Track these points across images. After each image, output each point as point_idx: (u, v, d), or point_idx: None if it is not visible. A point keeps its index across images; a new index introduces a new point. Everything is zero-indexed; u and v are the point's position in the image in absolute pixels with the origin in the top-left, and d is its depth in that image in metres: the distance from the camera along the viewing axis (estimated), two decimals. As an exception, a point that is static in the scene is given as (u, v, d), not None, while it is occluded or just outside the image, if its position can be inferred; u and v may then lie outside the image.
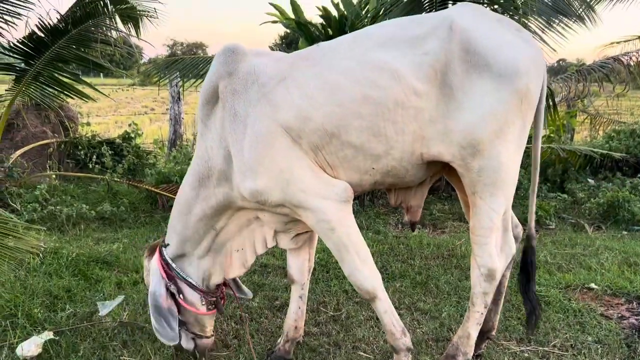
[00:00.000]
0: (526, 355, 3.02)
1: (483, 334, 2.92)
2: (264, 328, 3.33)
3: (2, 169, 5.89)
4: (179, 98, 9.09)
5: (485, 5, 5.78)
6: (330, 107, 2.40)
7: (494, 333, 3.01)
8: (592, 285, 3.95)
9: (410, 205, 2.84)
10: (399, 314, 3.45)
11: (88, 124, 8.20)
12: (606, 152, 7.17)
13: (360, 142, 2.42)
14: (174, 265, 2.80)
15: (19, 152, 6.28)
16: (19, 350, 2.80)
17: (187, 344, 2.86)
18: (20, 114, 6.75)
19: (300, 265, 2.99)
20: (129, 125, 7.94)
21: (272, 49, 6.61)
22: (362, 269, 2.56)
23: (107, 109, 19.81)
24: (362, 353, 3.03)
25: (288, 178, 2.46)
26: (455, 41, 2.32)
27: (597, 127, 9.70)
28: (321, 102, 2.41)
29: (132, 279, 3.93)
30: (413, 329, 3.32)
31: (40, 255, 3.97)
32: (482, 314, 2.66)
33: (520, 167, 6.75)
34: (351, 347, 3.09)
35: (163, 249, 2.83)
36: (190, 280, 2.81)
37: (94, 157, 7.22)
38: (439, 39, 2.35)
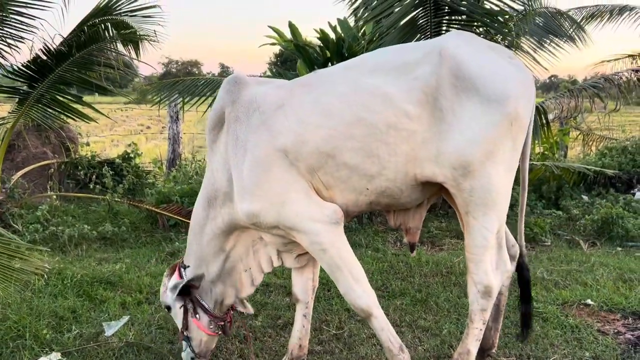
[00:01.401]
0: (526, 371, 3.09)
1: (484, 352, 2.98)
2: (268, 347, 3.38)
3: (4, 190, 5.94)
4: (177, 118, 9.17)
5: (479, 27, 5.94)
6: (325, 130, 2.52)
7: (494, 350, 3.07)
8: (589, 301, 4.03)
9: (409, 226, 2.92)
10: (400, 332, 3.53)
11: (87, 144, 8.27)
12: (599, 169, 7.30)
13: (354, 162, 2.53)
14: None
15: (20, 173, 6.33)
16: (28, 372, 2.84)
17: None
18: (21, 135, 6.81)
19: (304, 285, 3.08)
20: (129, 145, 8.02)
21: (271, 71, 6.73)
22: (356, 288, 2.64)
23: (102, 128, 19.84)
24: (365, 371, 3.08)
25: (284, 201, 2.58)
26: (445, 66, 2.44)
27: (590, 144, 9.86)
28: (317, 125, 2.53)
29: (136, 299, 3.97)
30: (414, 346, 3.38)
31: (45, 276, 4.01)
32: (480, 330, 2.72)
33: (516, 183, 6.84)
34: (354, 365, 3.14)
35: (182, 270, 2.94)
36: (204, 304, 2.93)
37: (94, 177, 7.30)
38: (430, 65, 2.47)
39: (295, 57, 6.62)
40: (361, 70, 2.60)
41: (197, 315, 2.91)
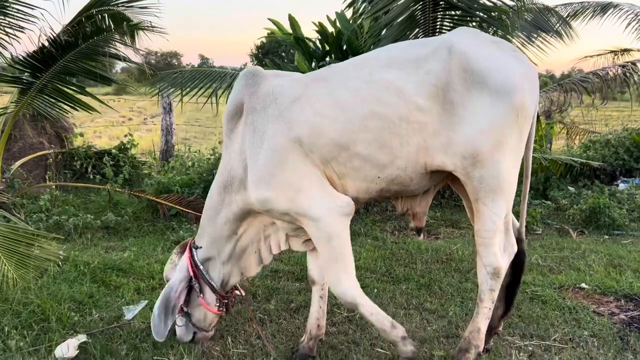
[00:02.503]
0: (530, 348, 3.28)
1: (491, 330, 3.16)
2: (284, 329, 3.51)
3: (4, 179, 5.94)
4: (170, 109, 9.22)
5: (472, 22, 6.12)
6: (340, 123, 2.66)
7: (500, 329, 3.25)
8: (583, 285, 4.25)
9: (415, 211, 3.08)
10: (409, 314, 3.71)
11: (81, 134, 8.26)
12: (585, 161, 7.57)
13: (367, 153, 2.67)
14: (202, 267, 3.06)
15: (18, 163, 6.33)
16: (57, 352, 2.94)
17: (187, 335, 3.13)
18: (17, 125, 6.78)
19: (319, 267, 3.22)
20: (125, 136, 8.05)
21: (271, 62, 6.82)
22: (345, 281, 2.79)
23: (84, 119, 19.65)
24: (379, 350, 3.24)
25: (298, 189, 2.72)
26: (455, 62, 2.59)
27: (573, 137, 10.19)
28: (332, 118, 2.67)
29: (150, 285, 4.07)
30: (423, 327, 3.55)
31: (60, 263, 4.08)
32: (490, 309, 2.89)
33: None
34: (369, 345, 3.30)
35: (194, 250, 3.07)
36: (212, 283, 3.07)
37: (90, 167, 7.34)
38: (440, 60, 2.62)
39: (277, 49, 6.73)
40: (374, 65, 2.73)
41: (201, 294, 3.05)
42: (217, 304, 3.10)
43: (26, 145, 7.00)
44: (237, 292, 3.29)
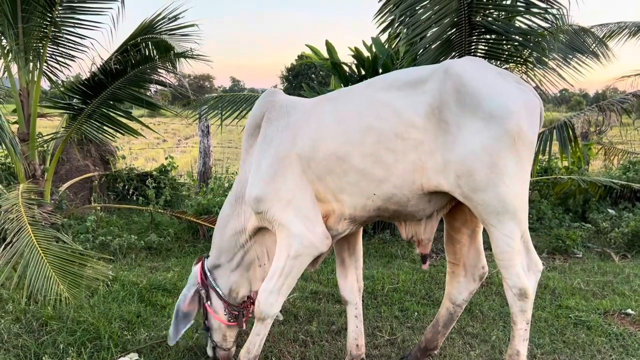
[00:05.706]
0: (577, 375, 3.24)
1: (426, 350, 3.25)
2: (327, 350, 3.55)
3: (52, 200, 6.19)
4: (207, 132, 9.46)
5: (508, 44, 6.15)
6: (339, 135, 2.81)
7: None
8: (629, 310, 4.17)
9: (420, 238, 3.06)
10: (451, 338, 3.70)
11: (123, 157, 8.55)
12: (626, 183, 7.43)
13: (363, 166, 2.77)
14: (209, 274, 3.24)
15: (66, 185, 6.59)
16: (112, 370, 3.05)
17: (210, 351, 3.26)
18: (64, 149, 7.08)
19: (350, 287, 3.32)
20: (165, 158, 8.29)
21: (307, 86, 6.96)
22: (276, 297, 2.93)
23: (120, 141, 20.21)
24: (423, 373, 3.25)
25: (289, 200, 2.89)
26: (450, 82, 2.66)
27: (612, 158, 10.01)
28: (332, 130, 2.84)
29: (195, 305, 4.16)
30: (466, 351, 3.54)
31: (109, 283, 4.23)
32: (525, 330, 2.86)
33: (543, 198, 6.95)
34: (412, 368, 3.31)
35: (205, 259, 3.30)
36: (218, 290, 3.23)
37: (131, 189, 7.58)
38: (436, 81, 2.71)
39: (307, 72, 6.85)
40: (378, 86, 2.88)
41: (209, 302, 3.18)
42: (225, 314, 3.21)
43: (72, 167, 7.29)
44: (253, 306, 3.35)
